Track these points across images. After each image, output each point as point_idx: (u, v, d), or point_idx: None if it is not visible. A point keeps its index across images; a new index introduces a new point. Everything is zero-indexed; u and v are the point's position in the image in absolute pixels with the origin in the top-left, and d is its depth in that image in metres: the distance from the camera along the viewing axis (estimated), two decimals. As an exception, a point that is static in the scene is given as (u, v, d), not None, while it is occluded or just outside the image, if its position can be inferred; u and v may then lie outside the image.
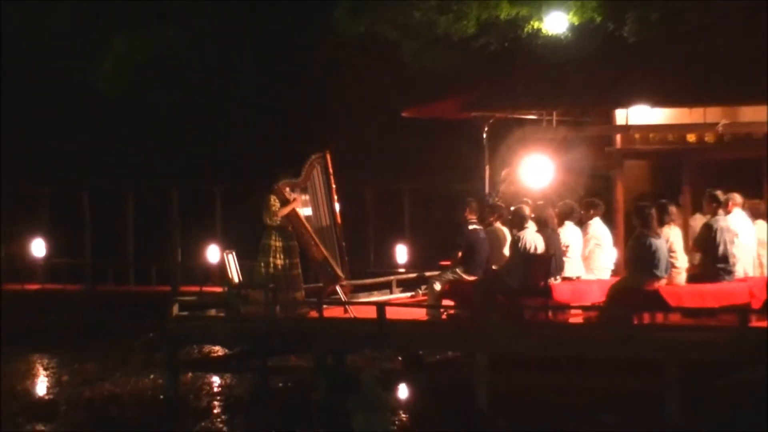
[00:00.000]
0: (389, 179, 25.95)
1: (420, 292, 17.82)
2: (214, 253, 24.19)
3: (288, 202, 16.18)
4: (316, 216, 16.53)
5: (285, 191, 16.27)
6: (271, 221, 16.14)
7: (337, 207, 16.54)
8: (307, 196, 16.51)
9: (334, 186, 16.49)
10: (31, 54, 28.46)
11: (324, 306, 15.71)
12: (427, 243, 23.62)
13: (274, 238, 16.14)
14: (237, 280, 16.59)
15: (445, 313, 15.53)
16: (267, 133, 26.89)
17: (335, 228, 16.53)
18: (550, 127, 18.28)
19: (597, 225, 15.93)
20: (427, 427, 13.57)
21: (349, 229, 17.34)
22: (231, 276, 16.59)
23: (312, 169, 16.43)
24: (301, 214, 16.38)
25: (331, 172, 16.44)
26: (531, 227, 15.22)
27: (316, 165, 16.45)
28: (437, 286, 15.94)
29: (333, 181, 16.47)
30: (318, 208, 16.52)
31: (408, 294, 18.27)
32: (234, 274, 16.62)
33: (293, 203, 16.20)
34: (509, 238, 15.82)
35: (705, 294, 14.65)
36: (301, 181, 16.36)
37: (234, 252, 16.92)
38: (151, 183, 26.81)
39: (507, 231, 16.09)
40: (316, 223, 16.52)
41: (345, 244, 16.64)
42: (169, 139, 27.71)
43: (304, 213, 16.46)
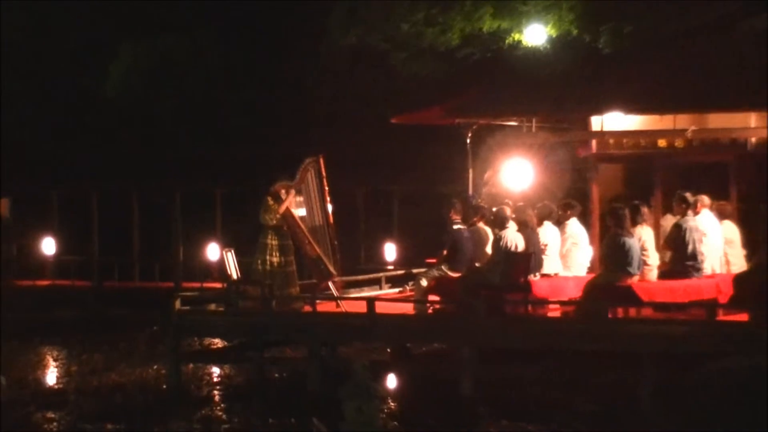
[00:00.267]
0: (379, 182, 25.91)
1: (408, 288, 17.81)
2: (214, 251, 24.12)
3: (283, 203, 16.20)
4: (310, 216, 16.53)
5: (281, 193, 16.28)
6: (268, 221, 16.14)
7: (329, 208, 16.56)
8: (302, 198, 16.52)
9: (327, 188, 16.50)
10: (42, 64, 28.42)
11: (317, 301, 15.75)
12: (414, 242, 23.58)
13: (271, 237, 16.14)
14: (235, 276, 16.59)
15: (431, 308, 15.51)
16: (264, 138, 26.82)
17: (328, 227, 16.54)
18: (529, 133, 18.29)
19: (574, 225, 15.94)
20: (414, 414, 13.54)
21: (341, 228, 17.35)
22: (230, 273, 16.59)
23: (306, 172, 16.44)
24: (296, 215, 16.39)
25: (324, 176, 16.46)
26: (512, 227, 15.24)
27: (310, 168, 16.46)
28: (424, 282, 15.94)
29: (326, 183, 16.49)
30: (312, 208, 16.53)
31: (396, 289, 18.25)
32: (233, 270, 16.62)
33: (286, 201, 16.20)
34: (491, 237, 15.82)
35: (675, 290, 14.68)
36: (296, 184, 16.37)
37: (233, 250, 16.93)
38: (154, 185, 26.74)
39: (489, 230, 16.09)
40: (310, 222, 16.52)
41: (337, 243, 16.65)
42: (172, 144, 27.68)
43: (299, 213, 16.47)
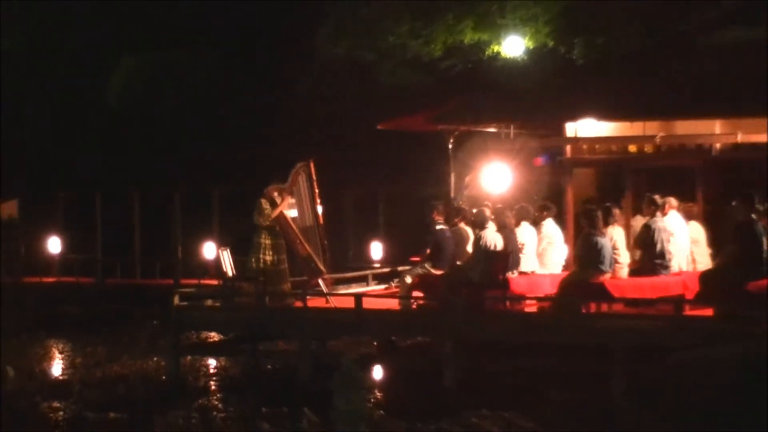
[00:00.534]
0: (366, 184, 25.88)
1: (393, 285, 17.78)
2: (211, 250, 24.07)
3: (276, 205, 16.15)
4: (301, 217, 16.51)
5: (273, 195, 16.24)
6: (261, 222, 16.10)
7: (319, 209, 16.53)
8: (293, 200, 16.49)
9: (317, 190, 16.48)
10: (49, 73, 28.32)
11: (308, 297, 15.72)
12: (399, 241, 23.53)
13: (264, 236, 16.11)
14: (231, 273, 16.55)
15: (415, 303, 15.50)
16: (259, 142, 26.76)
17: (318, 227, 16.52)
18: (508, 139, 18.28)
19: (549, 225, 15.93)
20: (399, 403, 13.52)
21: (330, 228, 17.31)
22: (226, 270, 16.55)
23: (297, 175, 16.42)
24: (287, 216, 16.37)
25: (314, 179, 16.43)
26: (491, 227, 15.22)
27: (301, 172, 16.44)
28: (408, 279, 15.92)
29: (316, 186, 16.46)
30: (303, 210, 16.50)
31: (382, 286, 18.21)
32: (228, 268, 16.58)
33: (281, 205, 16.17)
34: (472, 237, 15.81)
35: (644, 286, 14.70)
36: (287, 187, 16.34)
37: (228, 249, 16.88)
38: (155, 187, 26.67)
39: (470, 231, 16.09)
40: (301, 223, 16.49)
41: (326, 242, 16.63)
42: (172, 148, 27.58)
43: (291, 214, 16.44)
